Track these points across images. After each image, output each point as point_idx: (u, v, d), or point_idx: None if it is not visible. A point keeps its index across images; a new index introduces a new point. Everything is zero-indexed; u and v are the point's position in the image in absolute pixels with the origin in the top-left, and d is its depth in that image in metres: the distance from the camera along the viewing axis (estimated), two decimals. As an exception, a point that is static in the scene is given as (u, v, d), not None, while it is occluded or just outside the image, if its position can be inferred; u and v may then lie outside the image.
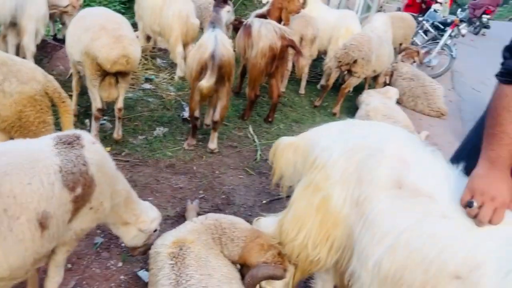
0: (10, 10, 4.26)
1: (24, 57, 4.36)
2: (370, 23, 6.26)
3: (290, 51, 4.72)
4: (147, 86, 5.12)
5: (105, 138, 3.86)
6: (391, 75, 7.00)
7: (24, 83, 2.40)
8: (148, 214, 2.20)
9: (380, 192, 1.59)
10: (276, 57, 4.43)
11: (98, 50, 3.25)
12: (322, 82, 6.51)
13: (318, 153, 1.85)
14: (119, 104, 3.65)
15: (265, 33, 4.33)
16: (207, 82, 3.54)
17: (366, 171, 1.66)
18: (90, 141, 1.85)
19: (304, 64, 5.17)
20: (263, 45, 4.32)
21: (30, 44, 4.48)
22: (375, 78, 6.56)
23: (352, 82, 5.71)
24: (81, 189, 1.70)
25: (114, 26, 3.38)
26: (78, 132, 1.87)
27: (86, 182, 1.73)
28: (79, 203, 1.72)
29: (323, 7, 6.69)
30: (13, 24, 4.48)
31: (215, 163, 3.91)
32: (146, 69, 5.56)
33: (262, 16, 5.04)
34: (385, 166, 1.62)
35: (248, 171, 3.88)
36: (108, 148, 3.70)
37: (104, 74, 3.43)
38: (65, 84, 4.08)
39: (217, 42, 3.58)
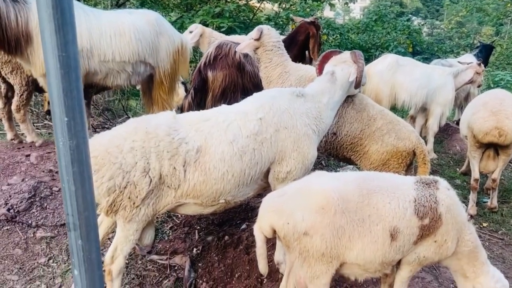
0: (422, 98, 5.28)
1: (425, 136, 5.29)
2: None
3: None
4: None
5: (484, 214, 4.04)
6: None
7: (400, 139, 2.96)
8: (492, 279, 2.16)
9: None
10: None
11: (474, 122, 3.61)
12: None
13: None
14: (494, 175, 3.82)
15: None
16: None
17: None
18: (445, 186, 2.14)
19: None
20: None
21: (434, 125, 5.35)
22: None
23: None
24: (428, 220, 2.00)
25: (495, 102, 3.66)
26: (437, 178, 2.20)
27: (434, 217, 2.01)
28: (424, 231, 2.02)
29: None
30: (423, 109, 5.49)
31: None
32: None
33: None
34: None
35: None
36: (485, 224, 3.85)
37: (482, 146, 3.70)
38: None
39: None
